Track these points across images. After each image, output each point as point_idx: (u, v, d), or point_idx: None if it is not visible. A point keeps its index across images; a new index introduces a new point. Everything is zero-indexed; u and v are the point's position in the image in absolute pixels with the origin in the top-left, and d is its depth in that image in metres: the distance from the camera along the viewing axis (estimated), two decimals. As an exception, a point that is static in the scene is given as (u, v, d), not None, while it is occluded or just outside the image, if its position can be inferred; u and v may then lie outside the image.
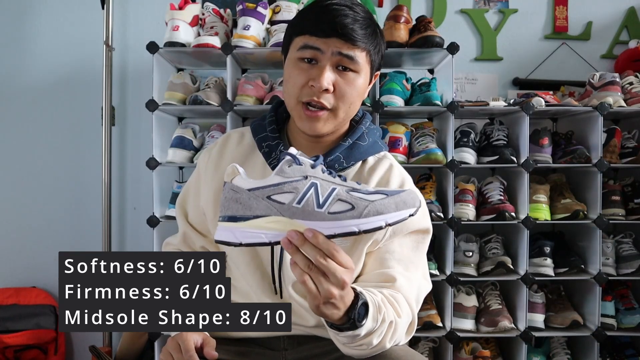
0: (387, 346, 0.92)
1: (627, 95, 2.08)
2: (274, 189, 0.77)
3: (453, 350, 2.00)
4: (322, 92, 0.97)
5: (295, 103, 1.01)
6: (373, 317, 0.86)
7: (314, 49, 0.97)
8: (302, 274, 0.78)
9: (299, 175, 0.78)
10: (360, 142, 1.07)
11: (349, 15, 0.96)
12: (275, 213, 0.77)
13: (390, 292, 0.95)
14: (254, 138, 1.10)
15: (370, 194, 0.79)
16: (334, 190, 0.78)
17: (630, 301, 2.10)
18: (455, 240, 2.03)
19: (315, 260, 0.77)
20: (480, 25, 2.37)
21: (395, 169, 1.09)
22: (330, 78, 0.97)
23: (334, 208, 0.77)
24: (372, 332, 0.87)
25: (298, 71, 0.99)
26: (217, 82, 2.07)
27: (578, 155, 2.00)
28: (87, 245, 2.34)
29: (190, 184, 1.16)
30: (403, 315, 0.94)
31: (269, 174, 1.04)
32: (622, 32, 2.37)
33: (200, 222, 1.13)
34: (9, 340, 2.12)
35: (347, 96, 0.99)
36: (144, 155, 2.02)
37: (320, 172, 0.79)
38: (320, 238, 0.76)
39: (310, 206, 0.77)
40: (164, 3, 2.17)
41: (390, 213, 0.78)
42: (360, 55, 0.98)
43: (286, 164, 0.78)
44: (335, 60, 0.97)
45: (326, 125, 1.01)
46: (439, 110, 2.03)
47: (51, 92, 2.35)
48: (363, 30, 0.97)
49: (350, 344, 0.89)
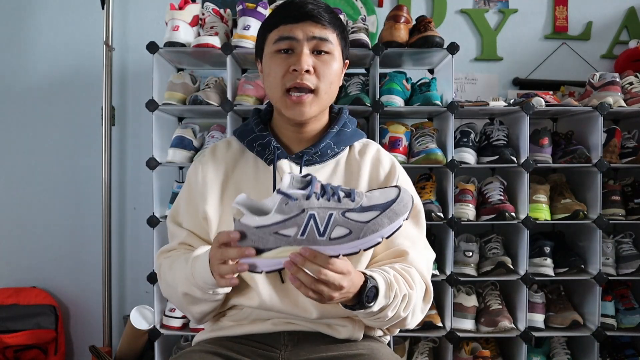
0: (402, 315, 1.02)
1: (627, 95, 2.08)
2: (279, 226, 0.86)
3: (453, 350, 2.00)
4: (304, 73, 1.05)
5: (281, 93, 1.08)
6: (385, 295, 0.96)
7: (290, 39, 1.06)
8: (306, 289, 0.88)
9: (296, 211, 0.86)
10: (345, 129, 1.17)
11: (312, 3, 1.07)
12: (284, 244, 0.87)
13: (403, 266, 1.05)
14: (242, 142, 1.18)
15: (363, 212, 0.87)
16: (331, 216, 0.86)
17: (630, 301, 2.10)
18: (455, 240, 2.03)
19: (316, 275, 0.86)
20: (480, 25, 2.37)
21: (382, 151, 1.20)
22: (309, 61, 1.05)
23: (335, 234, 0.86)
24: (386, 307, 0.97)
25: (277, 62, 1.07)
26: (217, 82, 2.07)
27: (578, 155, 2.00)
28: (87, 245, 2.35)
29: (180, 199, 1.19)
30: (416, 286, 1.03)
31: (262, 170, 1.13)
32: (622, 32, 2.37)
33: (199, 229, 1.14)
34: (9, 340, 2.12)
35: (326, 76, 1.07)
36: (144, 155, 2.02)
37: (315, 200, 0.87)
38: (316, 254, 0.86)
39: (313, 235, 0.86)
40: (164, 3, 2.17)
41: (384, 228, 0.88)
42: (332, 36, 1.08)
43: (283, 203, 0.86)
44: (310, 45, 1.06)
45: (312, 108, 1.09)
46: (439, 110, 2.03)
47: (51, 92, 2.35)
48: (327, 14, 1.08)
49: (368, 318, 1.00)
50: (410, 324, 1.07)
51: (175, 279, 1.07)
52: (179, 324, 2.01)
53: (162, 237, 2.04)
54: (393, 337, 1.98)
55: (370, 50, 1.96)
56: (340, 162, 1.15)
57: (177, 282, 1.06)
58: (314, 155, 1.12)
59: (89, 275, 2.34)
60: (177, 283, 1.07)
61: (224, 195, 1.13)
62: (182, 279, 1.05)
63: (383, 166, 1.16)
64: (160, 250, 1.19)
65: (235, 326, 1.11)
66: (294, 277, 0.87)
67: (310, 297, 0.88)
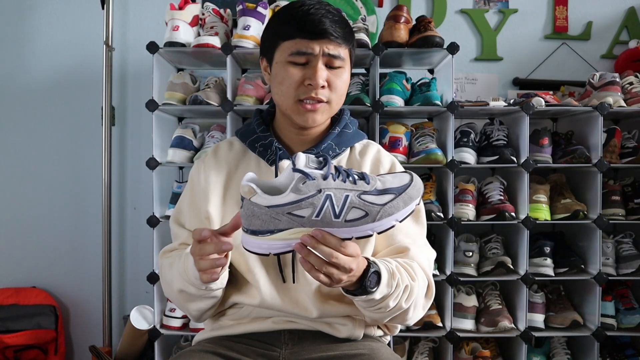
0: (403, 307, 1.01)
1: (627, 95, 2.08)
2: (293, 206, 0.82)
3: (453, 351, 2.00)
4: (319, 88, 1.08)
5: (293, 102, 1.10)
6: (387, 283, 0.96)
7: (307, 54, 1.07)
8: (316, 272, 0.86)
9: (313, 190, 0.82)
10: (346, 130, 1.19)
11: (329, 18, 1.07)
12: (296, 225, 0.83)
13: (405, 260, 1.06)
14: (244, 143, 1.19)
15: (380, 195, 0.85)
16: (347, 197, 0.83)
17: (630, 301, 2.10)
18: (455, 240, 2.03)
19: (328, 258, 0.85)
20: (480, 25, 2.37)
21: (382, 151, 1.22)
22: (324, 75, 1.08)
23: (350, 216, 0.83)
24: (388, 296, 0.97)
25: (292, 73, 1.08)
26: (217, 82, 2.07)
27: (578, 155, 2.00)
28: (87, 245, 2.35)
29: (183, 200, 1.19)
30: (418, 279, 1.04)
31: (265, 171, 1.14)
32: (622, 32, 2.37)
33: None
34: (9, 340, 2.12)
35: (338, 88, 1.11)
36: (144, 155, 2.02)
37: (332, 180, 0.84)
38: (328, 237, 0.84)
39: (328, 217, 0.83)
40: (164, 3, 2.17)
41: (399, 212, 0.85)
42: (344, 52, 1.10)
43: (300, 182, 0.82)
44: (324, 60, 1.08)
45: (323, 116, 1.12)
46: (439, 110, 2.03)
47: (51, 92, 2.35)
48: (342, 29, 1.09)
49: (369, 308, 0.99)
50: (412, 318, 1.07)
51: (173, 278, 1.08)
52: (179, 324, 2.01)
53: (162, 237, 2.04)
54: (393, 337, 1.98)
55: (370, 50, 1.96)
56: (341, 162, 1.17)
57: (174, 280, 1.07)
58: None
59: (89, 275, 2.34)
60: (174, 281, 1.07)
61: (226, 196, 1.13)
62: (177, 276, 1.05)
63: (383, 166, 1.17)
64: (162, 250, 1.19)
65: (235, 325, 1.11)
66: (305, 260, 0.85)
67: (319, 280, 0.87)
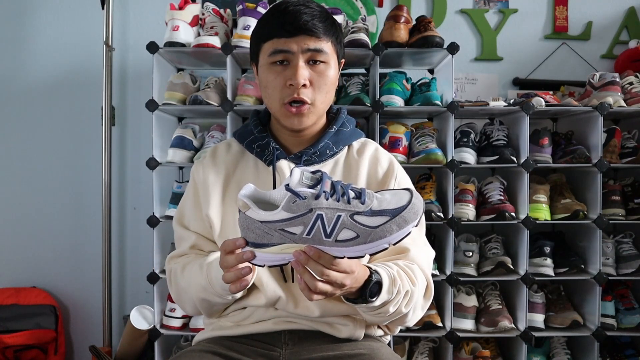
0: (403, 311, 1.02)
1: (627, 95, 2.08)
2: (284, 223, 0.83)
3: (453, 351, 2.00)
4: (300, 87, 1.06)
5: (280, 105, 1.09)
6: (388, 291, 0.96)
7: (284, 52, 1.06)
8: (309, 292, 0.86)
9: (304, 209, 0.83)
10: (343, 129, 1.18)
11: (307, 13, 1.05)
12: (289, 241, 0.85)
13: (405, 263, 1.06)
14: (241, 144, 1.19)
15: (373, 216, 0.84)
16: (339, 218, 0.83)
17: (630, 301, 2.10)
18: (455, 240, 2.03)
19: (320, 275, 0.85)
20: (480, 25, 2.37)
21: (380, 149, 1.21)
22: (305, 74, 1.06)
23: (341, 236, 0.84)
24: (388, 303, 0.98)
25: (274, 75, 1.08)
26: (217, 82, 2.07)
27: (578, 155, 2.00)
28: (87, 245, 2.35)
29: (185, 201, 1.19)
30: (418, 282, 1.04)
31: (263, 171, 1.14)
32: (622, 32, 2.37)
33: (207, 231, 1.14)
34: (9, 340, 2.12)
35: (322, 87, 1.09)
36: (144, 155, 2.02)
37: (324, 200, 0.84)
38: (320, 254, 0.84)
39: (318, 236, 0.84)
40: (164, 3, 2.17)
41: (392, 235, 0.85)
42: (326, 46, 1.07)
43: (291, 200, 0.83)
44: (305, 56, 1.06)
45: (310, 118, 1.11)
46: (439, 110, 2.03)
47: (51, 92, 2.35)
48: (322, 23, 1.06)
49: (369, 312, 1.00)
50: (411, 320, 1.07)
51: (190, 285, 1.08)
52: (179, 324, 2.01)
53: (162, 237, 2.04)
54: (393, 337, 1.98)
55: (370, 50, 1.96)
56: (339, 161, 1.16)
57: (192, 288, 1.07)
58: (313, 155, 1.13)
59: (89, 275, 2.34)
60: (191, 289, 1.07)
61: (225, 197, 1.13)
62: (198, 285, 1.05)
63: (381, 165, 1.16)
64: (170, 255, 1.19)
65: (236, 326, 1.11)
66: (300, 278, 0.86)
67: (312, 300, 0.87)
